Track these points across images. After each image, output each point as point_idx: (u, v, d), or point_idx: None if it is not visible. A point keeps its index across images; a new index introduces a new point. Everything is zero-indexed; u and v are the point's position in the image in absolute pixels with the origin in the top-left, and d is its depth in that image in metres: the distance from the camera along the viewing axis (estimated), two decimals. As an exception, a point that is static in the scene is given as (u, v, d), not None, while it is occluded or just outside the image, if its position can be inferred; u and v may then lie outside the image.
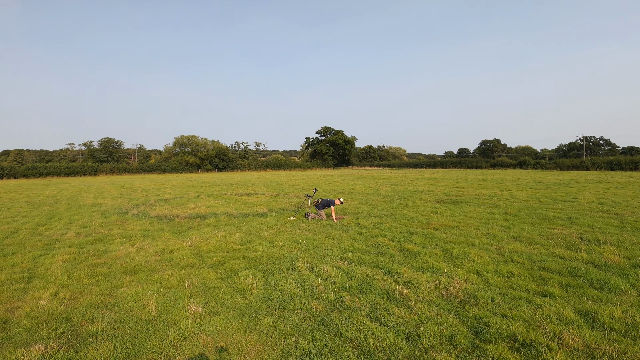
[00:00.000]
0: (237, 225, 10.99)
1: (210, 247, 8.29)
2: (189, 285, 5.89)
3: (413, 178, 34.66)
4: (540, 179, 31.63)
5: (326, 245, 8.35)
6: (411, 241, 8.51)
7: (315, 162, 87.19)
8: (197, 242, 8.72)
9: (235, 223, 11.34)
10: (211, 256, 7.49)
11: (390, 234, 9.29)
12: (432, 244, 8.24)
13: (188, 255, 7.58)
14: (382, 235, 9.18)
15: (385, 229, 9.91)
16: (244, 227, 10.52)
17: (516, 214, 12.19)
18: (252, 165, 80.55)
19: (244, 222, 11.53)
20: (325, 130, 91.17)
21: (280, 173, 59.10)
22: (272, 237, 9.35)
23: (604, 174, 41.28)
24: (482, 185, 25.06)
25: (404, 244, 8.25)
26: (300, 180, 34.18)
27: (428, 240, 8.56)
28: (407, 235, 9.08)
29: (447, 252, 7.46)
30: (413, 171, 58.03)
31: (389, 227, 10.12)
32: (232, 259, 7.33)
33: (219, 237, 9.29)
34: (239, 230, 10.18)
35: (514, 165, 66.44)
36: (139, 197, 20.34)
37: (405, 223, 10.77)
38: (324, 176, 41.50)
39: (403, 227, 10.13)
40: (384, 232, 9.59)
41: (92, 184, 35.37)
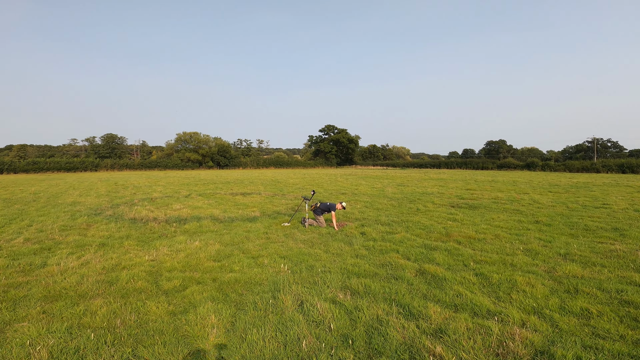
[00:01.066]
0: (219, 232, 9.15)
1: (175, 263, 6.45)
2: (120, 324, 4.06)
3: (419, 179, 32.69)
4: (554, 182, 29.58)
5: (323, 264, 6.49)
6: (432, 260, 6.63)
7: (318, 160, 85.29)
8: (161, 256, 6.89)
9: (218, 229, 9.51)
10: (172, 277, 5.65)
11: (403, 249, 7.40)
12: (460, 265, 6.35)
13: (141, 275, 5.74)
14: (393, 251, 7.30)
15: (397, 242, 8.02)
16: (227, 236, 8.67)
17: (549, 222, 10.26)
18: (254, 163, 78.83)
19: (228, 228, 9.69)
20: (328, 128, 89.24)
21: (282, 171, 57.26)
22: (258, 250, 7.50)
23: (618, 177, 39.07)
24: (494, 187, 23.09)
25: (423, 264, 6.37)
26: (302, 179, 32.33)
27: (453, 259, 6.68)
28: (426, 252, 7.19)
29: (484, 278, 5.57)
30: (418, 171, 55.97)
31: (400, 239, 8.23)
32: (198, 282, 5.48)
33: (192, 249, 7.45)
34: (219, 239, 8.33)
35: (522, 166, 64.15)
36: (126, 196, 18.57)
37: (419, 233, 8.88)
38: (327, 175, 39.62)
39: (418, 239, 8.23)
40: (396, 245, 7.70)
41: (86, 180, 33.76)
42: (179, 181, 30.17)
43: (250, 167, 76.77)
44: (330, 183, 26.61)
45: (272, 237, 8.62)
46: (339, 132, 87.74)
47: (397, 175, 38.79)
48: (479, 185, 24.05)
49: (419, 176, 37.21)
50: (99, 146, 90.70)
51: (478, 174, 44.07)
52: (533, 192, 19.26)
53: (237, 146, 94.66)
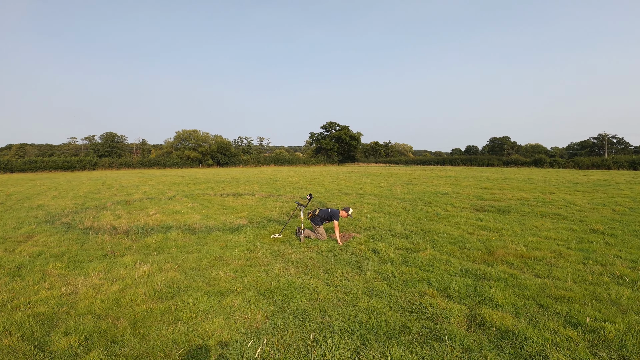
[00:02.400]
0: (186, 249, 6.91)
1: (97, 302, 4.24)
2: None
3: (427, 176, 30.37)
4: (571, 179, 27.22)
5: (322, 307, 4.26)
6: (486, 298, 4.39)
7: (319, 158, 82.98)
8: (85, 289, 4.71)
9: (187, 245, 7.27)
10: (73, 330, 3.42)
11: (437, 278, 5.15)
12: (532, 305, 4.14)
13: (27, 324, 3.52)
14: (423, 282, 5.06)
15: (425, 266, 5.77)
16: (193, 256, 6.43)
17: (610, 232, 7.98)
18: (255, 161, 76.64)
19: (201, 242, 7.46)
20: (330, 125, 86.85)
21: (282, 169, 54.97)
22: (230, 279, 5.28)
23: (633, 174, 36.63)
24: (511, 185, 20.78)
25: (475, 306, 4.15)
26: (302, 177, 30.08)
27: (517, 295, 4.44)
28: (472, 283, 4.94)
29: (588, 331, 3.32)
30: (422, 168, 53.56)
31: (429, 261, 5.97)
32: (113, 341, 3.25)
33: (134, 277, 5.24)
34: (180, 261, 6.09)
35: (529, 163, 61.58)
36: (104, 197, 16.38)
37: (451, 251, 6.62)
38: (328, 173, 37.32)
39: (453, 261, 5.97)
40: (425, 272, 5.45)
41: (76, 180, 31.68)
42: (172, 180, 27.99)
43: (251, 165, 74.59)
44: (332, 182, 24.35)
45: (255, 258, 6.39)
46: (340, 129, 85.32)
47: (402, 173, 36.46)
48: (494, 184, 21.73)
49: (425, 174, 34.88)
50: (99, 145, 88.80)
51: (486, 171, 41.67)
52: (559, 192, 16.94)
53: (238, 144, 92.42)
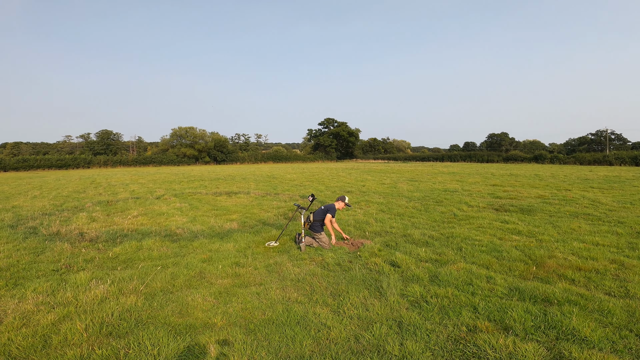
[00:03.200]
0: (161, 262, 5.60)
1: (10, 342, 2.97)
2: None
3: (429, 173, 29.12)
4: (579, 175, 26.08)
5: (335, 354, 2.98)
6: (564, 331, 3.14)
7: (317, 154, 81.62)
8: (10, 318, 3.46)
9: (163, 256, 5.97)
10: None
11: (484, 303, 3.90)
12: (629, 335, 2.91)
13: None
14: (467, 308, 3.81)
15: (461, 284, 4.50)
16: (167, 272, 5.12)
17: (665, 237, 6.74)
18: (252, 158, 75.24)
19: (181, 253, 6.16)
20: (328, 121, 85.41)
21: (280, 166, 53.55)
22: (209, 309, 4.00)
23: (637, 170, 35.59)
24: (521, 182, 19.58)
25: (554, 344, 2.87)
26: (300, 174, 28.74)
27: (602, 325, 3.21)
28: (534, 308, 3.68)
29: None
30: (422, 164, 52.31)
31: (465, 278, 4.69)
32: None
33: (83, 303, 3.95)
34: (149, 279, 4.79)
35: (529, 159, 60.49)
36: (87, 197, 15.03)
37: (489, 263, 5.34)
38: (327, 170, 35.96)
39: (496, 276, 4.70)
40: (464, 292, 4.19)
41: (66, 178, 30.26)
42: (165, 178, 26.60)
43: (248, 162, 73.18)
44: (332, 179, 23.04)
45: (245, 274, 5.10)
46: (339, 126, 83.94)
47: (403, 169, 35.19)
48: (503, 181, 20.51)
49: (427, 170, 33.63)
50: (94, 143, 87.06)
51: (489, 168, 40.51)
52: (575, 189, 15.73)
53: (235, 141, 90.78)
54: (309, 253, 6.07)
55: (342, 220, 8.59)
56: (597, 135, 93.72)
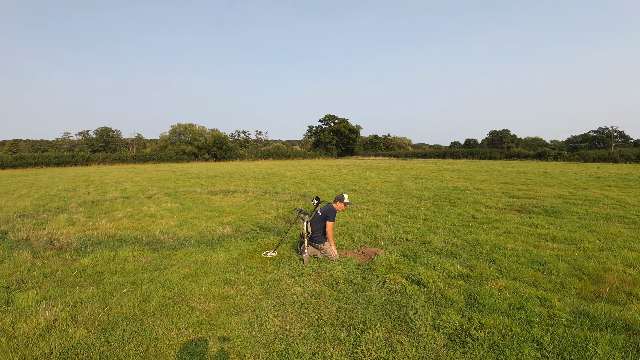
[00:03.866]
0: (135, 277, 4.60)
1: None
2: None
3: (434, 170, 28.10)
4: (590, 173, 25.13)
5: None
6: None
7: (318, 151, 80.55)
8: None
9: (139, 269, 4.98)
10: None
11: (550, 337, 2.90)
12: None
13: None
14: (529, 344, 2.82)
15: (509, 309, 3.51)
16: (139, 292, 4.12)
17: None
18: (252, 155, 74.23)
19: (161, 265, 5.17)
20: (328, 118, 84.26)
21: (280, 163, 52.50)
22: (183, 347, 3.01)
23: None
24: (532, 180, 18.60)
25: None
26: (301, 171, 27.73)
27: None
28: (618, 341, 2.69)
29: None
30: (425, 161, 51.23)
31: (511, 300, 3.69)
32: None
33: (14, 336, 2.94)
34: (114, 301, 3.78)
35: (532, 156, 59.39)
36: (75, 196, 14.07)
37: (535, 279, 4.35)
38: (328, 167, 34.93)
39: (551, 297, 3.72)
40: (516, 321, 3.20)
41: (61, 176, 29.34)
42: (161, 175, 25.61)
43: (248, 159, 72.17)
44: (333, 176, 22.03)
45: (236, 295, 4.12)
46: (339, 122, 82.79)
47: (406, 166, 34.18)
48: (513, 178, 19.52)
49: (431, 167, 32.62)
50: (93, 140, 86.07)
51: (494, 165, 39.51)
52: (593, 187, 14.75)
53: (235, 138, 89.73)
54: (313, 266, 5.10)
55: (349, 224, 7.61)
56: (600, 132, 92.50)
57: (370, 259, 5.43)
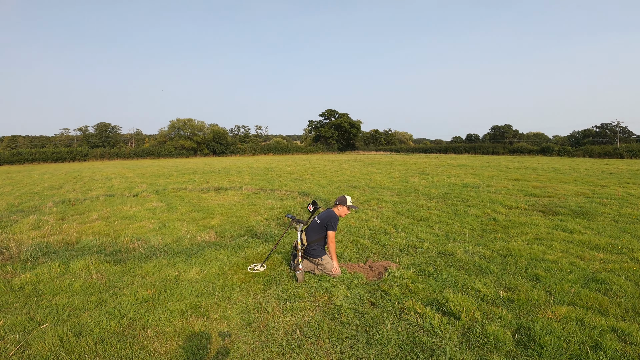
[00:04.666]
0: (79, 298, 3.54)
1: None
2: None
3: (438, 165, 26.98)
4: (603, 169, 24.06)
5: None
6: None
7: (318, 146, 79.36)
8: None
9: (88, 288, 3.90)
10: None
11: None
12: None
13: None
14: None
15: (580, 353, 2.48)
16: (74, 323, 3.06)
17: None
18: (252, 150, 73.11)
19: (119, 283, 4.11)
20: (329, 113, 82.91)
21: (280, 158, 51.37)
22: None
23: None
24: (544, 176, 17.54)
25: None
26: (300, 166, 26.65)
27: None
28: None
29: None
30: (427, 156, 50.03)
31: (579, 336, 2.63)
32: None
33: None
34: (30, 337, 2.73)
35: (536, 151, 58.14)
36: (58, 194, 13.06)
37: (600, 303, 3.28)
38: (329, 162, 33.82)
39: (630, 329, 2.67)
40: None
41: (53, 172, 28.39)
42: (156, 171, 24.57)
43: (248, 154, 71.06)
44: (334, 172, 20.94)
45: (205, 330, 3.07)
46: (340, 117, 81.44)
47: (408, 161, 33.05)
48: (524, 174, 18.44)
49: (435, 162, 31.50)
50: (92, 135, 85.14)
51: (498, 160, 38.37)
52: (613, 185, 13.67)
53: (235, 133, 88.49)
54: (309, 285, 4.06)
55: (352, 228, 6.55)
56: (602, 127, 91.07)
57: (379, 275, 4.38)
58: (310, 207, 4.46)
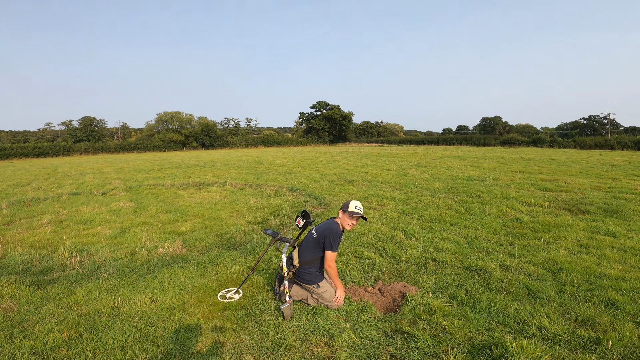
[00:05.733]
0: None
1: None
2: None
3: (433, 157, 25.95)
4: (603, 160, 23.43)
5: None
6: None
7: (310, 138, 77.91)
8: None
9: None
10: None
11: None
12: None
13: None
14: None
15: None
16: None
17: None
18: (242, 142, 71.33)
19: (26, 319, 2.83)
20: (320, 105, 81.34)
21: (270, 150, 49.82)
22: None
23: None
24: (546, 168, 16.66)
25: None
26: (291, 159, 25.33)
27: None
28: None
29: None
30: (420, 148, 49.04)
31: None
32: None
33: None
34: None
35: (527, 143, 57.74)
36: (21, 192, 11.62)
37: None
38: (321, 154, 32.50)
39: None
40: None
41: (29, 168, 26.65)
42: (137, 166, 23.01)
43: (238, 147, 69.27)
44: (327, 164, 19.70)
45: None
46: (331, 109, 79.96)
47: (402, 153, 31.98)
48: (525, 166, 17.50)
49: (429, 154, 30.48)
50: (76, 130, 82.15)
51: (491, 151, 37.60)
52: (623, 178, 12.80)
53: (225, 125, 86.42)
54: (300, 325, 2.88)
55: (352, 233, 5.36)
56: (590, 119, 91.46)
57: (395, 304, 3.22)
58: (299, 220, 3.21)
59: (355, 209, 3.19)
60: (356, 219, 3.22)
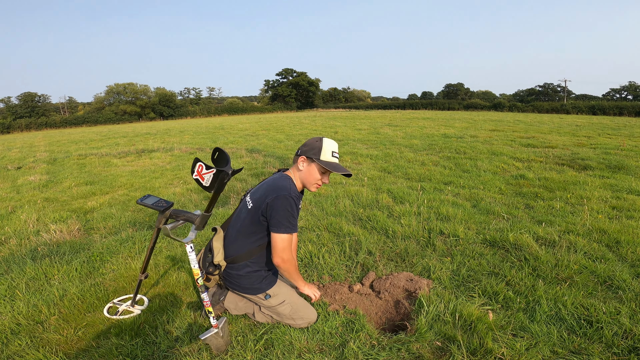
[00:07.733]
0: None
1: None
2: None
3: (403, 118, 24.82)
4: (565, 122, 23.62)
5: None
6: None
7: (276, 105, 74.61)
8: None
9: None
10: None
11: None
12: None
13: None
14: None
15: None
16: None
17: None
18: (205, 111, 66.95)
19: None
20: (286, 72, 77.46)
21: (234, 117, 46.68)
22: None
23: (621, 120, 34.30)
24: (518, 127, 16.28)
25: None
26: (255, 124, 23.24)
27: None
28: None
29: None
30: (387, 112, 47.80)
31: None
32: None
33: None
34: None
35: (489, 107, 58.66)
36: None
37: None
38: (287, 118, 30.44)
39: None
40: None
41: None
42: (78, 138, 20.13)
43: (200, 116, 64.90)
44: (293, 126, 17.98)
45: None
46: (298, 76, 76.44)
47: (372, 116, 30.69)
48: (496, 125, 16.91)
49: (398, 116, 29.39)
50: (16, 106, 73.19)
51: (459, 114, 37.29)
52: (597, 136, 12.42)
53: (185, 95, 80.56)
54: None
55: (323, 198, 4.01)
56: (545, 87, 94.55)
57: (400, 312, 1.95)
58: (201, 167, 1.50)
59: (332, 157, 1.78)
60: (328, 169, 1.81)
